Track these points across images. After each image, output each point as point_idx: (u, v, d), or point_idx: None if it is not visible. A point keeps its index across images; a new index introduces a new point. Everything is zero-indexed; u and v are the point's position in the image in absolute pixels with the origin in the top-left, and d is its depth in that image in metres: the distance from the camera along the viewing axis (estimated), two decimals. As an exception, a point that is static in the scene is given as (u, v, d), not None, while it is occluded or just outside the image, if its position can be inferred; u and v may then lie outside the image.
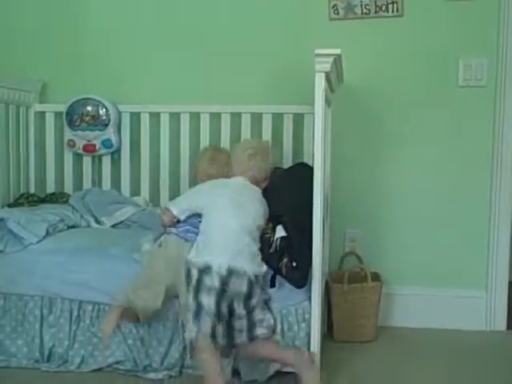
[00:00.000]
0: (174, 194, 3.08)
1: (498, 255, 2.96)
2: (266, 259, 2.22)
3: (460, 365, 2.56)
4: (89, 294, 2.43)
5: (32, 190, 3.22)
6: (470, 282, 2.98)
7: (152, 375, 2.41)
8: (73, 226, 2.80)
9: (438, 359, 2.63)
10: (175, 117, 3.11)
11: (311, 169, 2.27)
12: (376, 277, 2.85)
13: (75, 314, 2.47)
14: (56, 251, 2.51)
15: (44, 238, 2.58)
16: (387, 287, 2.92)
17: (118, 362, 2.45)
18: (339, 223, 2.96)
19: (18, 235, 2.53)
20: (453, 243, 2.97)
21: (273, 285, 2.23)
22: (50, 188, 3.23)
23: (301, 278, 2.20)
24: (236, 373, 2.24)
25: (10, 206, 2.98)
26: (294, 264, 2.18)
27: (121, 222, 2.92)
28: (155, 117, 3.14)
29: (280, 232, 2.25)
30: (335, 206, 2.84)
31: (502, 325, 2.97)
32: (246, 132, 3.04)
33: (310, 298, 2.30)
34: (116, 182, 3.19)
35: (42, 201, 3.09)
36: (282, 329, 2.34)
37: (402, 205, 3.01)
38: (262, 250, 2.22)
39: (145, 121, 3.15)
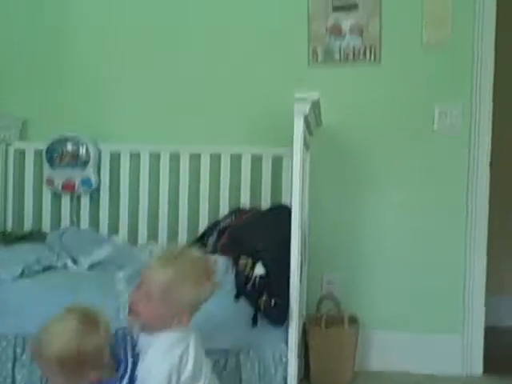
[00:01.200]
0: (153, 233, 3.09)
1: (474, 300, 2.98)
2: (244, 294, 2.23)
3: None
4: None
5: (9, 228, 3.19)
6: (447, 327, 2.99)
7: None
8: (48, 267, 2.77)
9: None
10: (155, 156, 3.13)
11: (290, 210, 2.30)
12: (353, 320, 2.85)
13: (50, 355, 2.42)
14: (31, 289, 2.47)
15: (19, 278, 2.55)
16: (364, 330, 2.92)
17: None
18: (316, 266, 2.97)
19: (-6, 273, 2.50)
20: (429, 288, 2.99)
21: (255, 323, 2.22)
22: (28, 225, 3.21)
23: (280, 316, 2.20)
24: None
25: (-13, 243, 2.95)
26: (273, 302, 2.18)
27: (98, 263, 2.90)
28: (135, 156, 3.15)
29: (259, 269, 2.26)
30: (312, 249, 2.86)
31: (478, 369, 2.96)
32: (225, 173, 3.06)
33: (287, 341, 2.29)
34: (94, 221, 3.19)
35: (20, 239, 3.06)
36: (259, 372, 2.32)
37: (378, 249, 3.03)
38: (240, 285, 2.23)
39: (125, 160, 3.16)
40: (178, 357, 1.73)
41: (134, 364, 1.76)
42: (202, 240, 2.94)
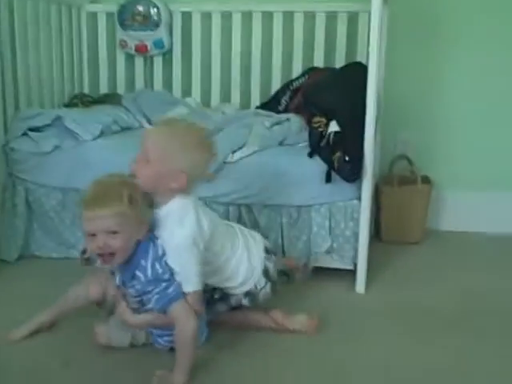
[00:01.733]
0: (226, 94, 3.09)
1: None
2: (318, 152, 2.24)
3: (507, 270, 2.57)
4: (142, 188, 2.49)
5: (86, 91, 3.27)
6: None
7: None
8: (126, 128, 2.85)
9: (484, 262, 2.64)
10: (227, 16, 3.07)
11: (365, 68, 2.24)
12: (426, 180, 2.84)
13: (131, 207, 2.55)
14: (110, 147, 2.56)
15: (98, 137, 2.63)
16: (437, 191, 2.91)
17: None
18: (390, 126, 2.91)
19: (74, 132, 2.59)
20: (505, 147, 2.92)
21: (328, 179, 2.24)
22: (103, 89, 3.27)
23: (353, 172, 2.20)
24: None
25: (65, 106, 3.04)
26: (347, 158, 2.19)
27: (173, 123, 2.95)
28: (206, 16, 3.10)
29: (334, 126, 2.25)
30: (387, 108, 2.80)
31: (555, 229, 2.94)
32: (298, 32, 2.98)
33: (359, 197, 2.32)
34: (168, 83, 3.21)
35: (96, 101, 3.13)
36: (330, 226, 2.37)
37: (456, 107, 2.94)
38: (314, 142, 2.24)
39: (196, 20, 3.12)
40: (194, 221, 1.73)
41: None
42: (274, 100, 2.94)
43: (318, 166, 2.30)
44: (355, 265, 2.35)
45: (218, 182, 2.39)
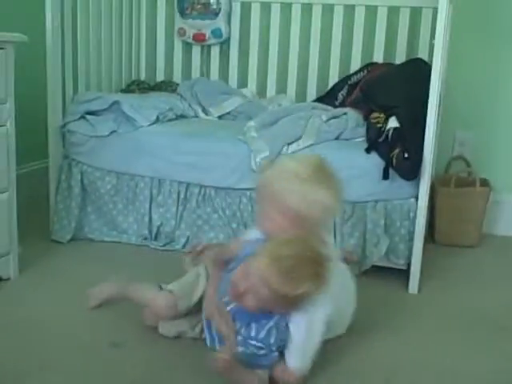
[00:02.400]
0: (282, 86, 3.07)
1: None
2: (376, 148, 2.20)
3: None
4: (195, 176, 2.50)
5: (143, 77, 3.29)
6: None
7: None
8: (181, 116, 2.85)
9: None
10: (286, 7, 3.04)
11: (426, 64, 2.19)
12: (484, 182, 2.76)
13: (182, 195, 2.55)
14: (166, 134, 2.57)
15: (154, 123, 2.64)
16: (496, 194, 2.82)
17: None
18: (449, 124, 2.84)
19: (131, 117, 2.60)
20: None
21: (385, 176, 2.20)
22: (160, 76, 3.29)
23: (412, 170, 2.15)
24: None
25: (122, 91, 3.07)
26: (406, 155, 2.14)
27: (228, 113, 2.95)
28: (266, 6, 3.08)
29: (393, 122, 2.21)
30: (446, 106, 2.73)
31: None
32: (359, 25, 2.94)
33: (416, 196, 2.26)
34: (224, 73, 3.20)
35: (152, 88, 3.15)
36: (385, 224, 2.33)
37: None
38: (372, 139, 2.19)
39: (255, 11, 3.10)
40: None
41: None
42: (331, 94, 2.90)
43: (375, 162, 2.25)
44: (409, 265, 2.30)
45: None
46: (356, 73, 2.88)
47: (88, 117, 2.62)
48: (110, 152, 2.59)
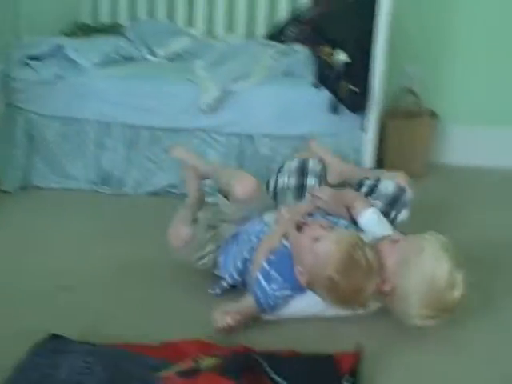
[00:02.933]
0: (230, 25, 3.01)
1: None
2: (324, 83, 2.20)
3: (507, 203, 2.56)
4: (144, 118, 2.47)
5: (86, 20, 3.18)
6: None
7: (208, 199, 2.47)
8: (127, 58, 2.78)
9: (490, 194, 2.64)
10: None
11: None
12: (432, 114, 2.80)
13: (131, 138, 2.52)
14: (112, 77, 2.52)
15: (99, 65, 2.58)
16: (443, 125, 2.86)
17: (172, 186, 2.52)
18: (398, 58, 2.83)
19: (76, 61, 2.54)
20: (512, 81, 2.86)
21: (334, 110, 2.21)
22: (104, 18, 3.18)
23: (359, 103, 2.18)
24: None
25: (65, 35, 2.97)
26: (353, 88, 2.15)
27: (176, 54, 2.89)
28: None
29: (340, 56, 2.22)
30: (394, 39, 2.72)
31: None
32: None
33: (364, 129, 2.29)
34: (171, 12, 3.11)
35: (97, 31, 3.05)
36: (334, 158, 2.35)
37: (464, 41, 2.87)
38: (320, 72, 2.19)
39: None
40: None
41: None
42: (280, 31, 2.86)
43: (323, 96, 2.26)
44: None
45: (221, 112, 2.38)
46: (305, 9, 2.84)
47: (30, 62, 2.54)
48: (55, 97, 2.53)
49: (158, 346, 1.50)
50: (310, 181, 1.99)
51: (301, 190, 1.97)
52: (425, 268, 1.52)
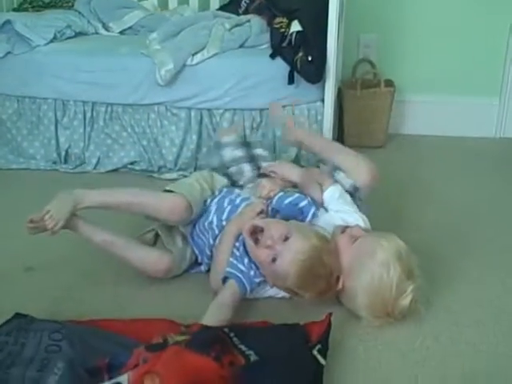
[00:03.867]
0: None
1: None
2: (280, 53, 2.20)
3: (468, 169, 2.61)
4: (101, 94, 2.43)
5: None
6: (485, 90, 2.93)
7: (167, 176, 2.46)
8: (80, 33, 2.73)
9: (446, 163, 2.67)
10: None
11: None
12: (389, 83, 2.82)
13: (89, 115, 2.48)
14: (65, 52, 2.48)
15: (51, 41, 2.53)
16: (400, 94, 2.88)
17: (133, 163, 2.51)
18: (353, 27, 2.84)
19: (25, 37, 2.47)
20: (469, 50, 2.89)
21: (291, 81, 2.21)
22: (55, -8, 3.11)
23: (316, 73, 2.18)
24: None
25: (14, 10, 2.90)
26: (310, 58, 2.15)
27: (129, 28, 2.85)
28: None
29: (296, 26, 2.21)
30: (349, 9, 2.72)
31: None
32: None
33: (323, 100, 2.30)
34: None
35: (47, 6, 2.98)
36: (294, 129, 2.36)
37: (420, 9, 2.87)
38: (276, 44, 2.19)
39: None
40: None
41: None
42: (234, 2, 2.83)
43: (280, 67, 2.26)
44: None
45: (178, 87, 2.36)
46: (258, -21, 2.82)
47: (-21, 39, 2.48)
48: (7, 75, 2.48)
49: (127, 322, 1.51)
50: (259, 151, 1.99)
51: (253, 160, 1.95)
52: (373, 273, 1.52)
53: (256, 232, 1.60)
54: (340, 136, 2.87)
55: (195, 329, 1.42)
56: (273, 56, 2.27)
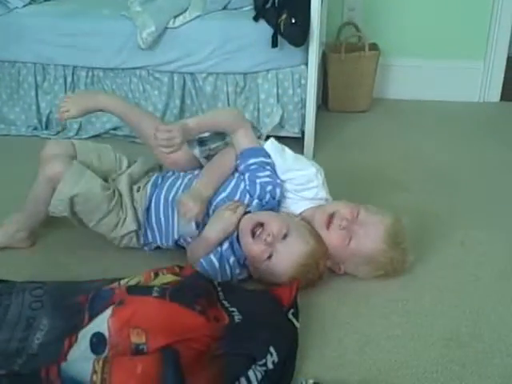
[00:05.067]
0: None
1: (500, 27, 2.87)
2: (263, 16, 2.17)
3: (452, 133, 2.62)
4: (82, 58, 2.39)
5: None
6: (469, 54, 2.92)
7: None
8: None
9: (430, 127, 2.68)
10: None
11: None
12: (374, 47, 2.80)
13: (69, 79, 2.45)
14: (44, 15, 2.42)
15: (30, 3, 2.48)
16: (385, 58, 2.86)
17: (115, 128, 2.48)
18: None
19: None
20: (454, 14, 2.86)
21: (274, 44, 2.17)
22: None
23: (299, 35, 2.13)
24: None
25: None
26: (293, 20, 2.11)
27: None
28: None
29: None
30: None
31: (495, 97, 2.98)
32: None
33: (307, 63, 2.27)
34: None
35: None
36: (277, 93, 2.34)
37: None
38: (259, 6, 2.16)
39: None
40: None
41: None
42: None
43: (264, 30, 2.22)
44: (303, 132, 2.35)
45: (160, 50, 2.33)
46: None
47: (-45, 1, 2.41)
48: (-15, 39, 2.42)
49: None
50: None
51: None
52: (377, 264, 1.58)
53: (255, 225, 1.55)
54: (324, 101, 2.86)
55: (188, 272, 1.43)
56: (256, 18, 2.24)
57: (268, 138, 1.80)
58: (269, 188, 1.65)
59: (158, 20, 2.26)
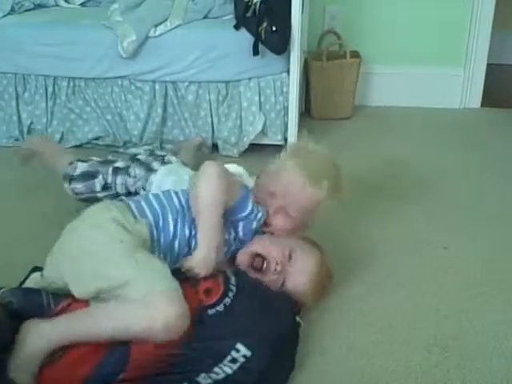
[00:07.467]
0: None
1: (479, 34, 2.90)
2: (244, 24, 2.17)
3: (433, 139, 2.64)
4: (62, 68, 2.38)
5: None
6: (450, 61, 2.95)
7: (133, 150, 2.42)
8: (39, 5, 2.67)
9: (412, 133, 2.70)
10: None
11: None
12: (355, 54, 2.81)
13: (50, 90, 2.43)
14: (24, 25, 2.41)
15: (9, 13, 2.46)
16: (366, 66, 2.88)
17: (97, 138, 2.47)
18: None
19: (-17, 10, 2.41)
20: (434, 21, 2.89)
21: (255, 52, 2.18)
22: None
23: (281, 43, 2.15)
24: None
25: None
26: (274, 28, 2.12)
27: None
28: None
29: (261, -3, 2.17)
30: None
31: (476, 103, 3.00)
32: None
33: (288, 70, 2.28)
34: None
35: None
36: (260, 101, 2.34)
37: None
38: (240, 13, 2.16)
39: None
40: None
41: None
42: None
43: (244, 38, 2.23)
44: (286, 140, 2.35)
45: (142, 59, 2.32)
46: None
47: None
48: (-35, 50, 2.40)
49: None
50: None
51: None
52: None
53: (253, 259, 1.47)
54: (307, 108, 2.87)
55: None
56: (237, 27, 2.24)
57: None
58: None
59: (139, 29, 2.26)
